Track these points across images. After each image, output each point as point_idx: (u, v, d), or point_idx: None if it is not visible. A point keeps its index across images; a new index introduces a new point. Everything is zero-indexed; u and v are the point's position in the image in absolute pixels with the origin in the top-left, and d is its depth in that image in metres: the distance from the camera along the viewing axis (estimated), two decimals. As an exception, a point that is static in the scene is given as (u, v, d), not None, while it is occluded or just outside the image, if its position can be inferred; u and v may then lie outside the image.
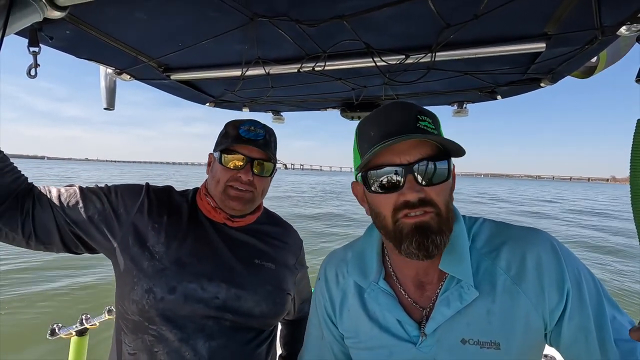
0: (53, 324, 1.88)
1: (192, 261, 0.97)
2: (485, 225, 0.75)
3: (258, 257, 1.06)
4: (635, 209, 0.52)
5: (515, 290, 0.65)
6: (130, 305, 0.93)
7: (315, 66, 1.08)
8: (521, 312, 0.64)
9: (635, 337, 0.48)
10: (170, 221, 1.02)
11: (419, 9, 0.79)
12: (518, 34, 0.93)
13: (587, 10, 0.75)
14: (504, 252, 0.68)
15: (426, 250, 0.64)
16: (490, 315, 0.65)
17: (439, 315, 0.68)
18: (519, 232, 0.71)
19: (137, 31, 0.93)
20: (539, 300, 0.64)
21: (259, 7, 0.81)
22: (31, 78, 0.86)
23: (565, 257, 0.66)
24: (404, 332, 0.72)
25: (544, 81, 1.26)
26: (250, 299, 0.98)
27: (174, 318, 0.92)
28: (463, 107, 1.64)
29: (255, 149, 1.02)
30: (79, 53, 1.03)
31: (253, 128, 1.04)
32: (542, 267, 0.65)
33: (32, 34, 0.83)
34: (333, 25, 0.86)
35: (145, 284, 0.92)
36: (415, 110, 0.67)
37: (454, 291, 0.68)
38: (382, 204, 0.68)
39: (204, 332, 0.93)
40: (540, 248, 0.66)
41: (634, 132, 0.52)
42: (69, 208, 0.96)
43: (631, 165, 0.51)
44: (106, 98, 1.29)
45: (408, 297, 0.74)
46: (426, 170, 0.64)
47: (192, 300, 0.93)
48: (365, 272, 0.79)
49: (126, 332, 0.96)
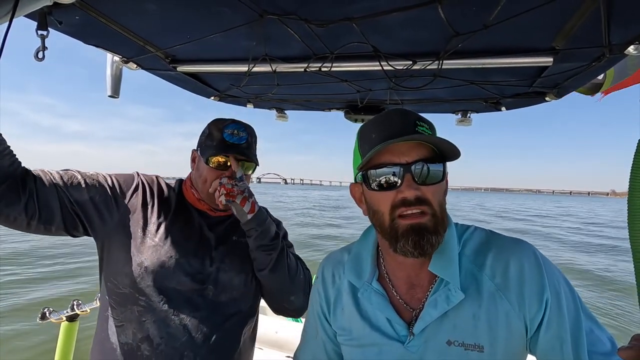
0: (44, 308, 1.88)
1: (180, 240, 1.06)
2: (476, 233, 0.78)
3: (235, 235, 1.15)
4: (632, 228, 0.52)
5: (499, 296, 0.68)
6: (123, 278, 1.01)
7: (322, 66, 1.08)
8: (503, 318, 0.68)
9: (623, 356, 0.49)
10: (160, 205, 1.11)
11: (429, 16, 0.79)
12: (526, 46, 0.93)
13: (596, 27, 0.75)
14: (489, 260, 0.72)
15: (422, 249, 0.67)
16: (475, 319, 0.69)
17: (427, 315, 0.71)
18: (504, 242, 0.75)
19: (146, 21, 0.93)
20: (520, 307, 0.67)
21: (268, 5, 0.81)
22: (39, 61, 0.86)
23: (546, 268, 0.69)
24: (393, 331, 0.75)
25: (550, 95, 1.26)
26: (230, 270, 1.09)
27: (163, 289, 1.01)
28: (467, 116, 1.64)
29: (239, 154, 1.10)
30: (86, 39, 1.03)
31: (237, 132, 1.11)
32: (524, 276, 0.68)
33: (41, 17, 0.83)
34: (342, 27, 0.86)
35: (138, 258, 1.01)
36: (414, 116, 0.72)
37: (441, 293, 0.71)
38: (381, 201, 0.71)
39: (189, 303, 1.02)
40: (523, 258, 0.70)
41: (634, 153, 0.52)
42: (72, 187, 1.00)
43: (630, 186, 0.51)
44: (111, 86, 1.29)
45: (399, 298, 0.77)
46: (422, 170, 0.68)
47: (179, 273, 1.02)
48: (360, 273, 0.82)
49: (114, 306, 1.03)
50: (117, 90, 1.31)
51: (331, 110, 1.74)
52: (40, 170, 0.99)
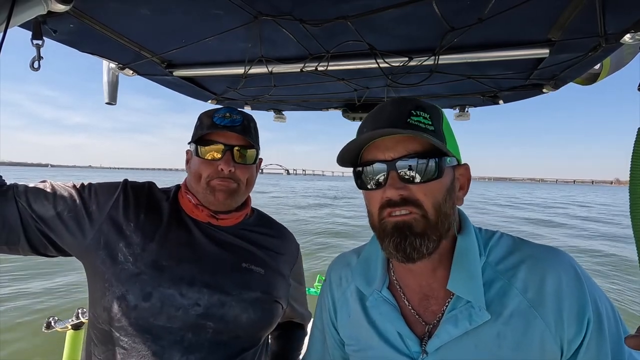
0: (49, 317, 1.88)
1: (171, 264, 0.88)
2: (503, 240, 0.70)
3: (246, 260, 0.96)
4: (634, 216, 0.52)
5: (532, 313, 0.60)
6: (101, 312, 0.84)
7: (318, 66, 1.08)
8: (536, 338, 0.59)
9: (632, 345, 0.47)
10: (148, 220, 0.93)
11: (424, 12, 0.79)
12: (522, 39, 0.93)
13: (592, 17, 0.75)
14: (522, 272, 0.63)
15: (404, 252, 0.61)
16: (500, 339, 0.60)
17: (444, 333, 0.63)
18: (539, 251, 0.65)
19: (141, 26, 0.93)
20: (557, 327, 0.59)
21: (263, 6, 0.81)
22: (34, 71, 0.85)
23: (587, 284, 0.61)
24: (404, 346, 0.68)
25: (547, 87, 1.26)
26: (237, 306, 0.89)
27: (148, 328, 0.83)
28: (465, 110, 1.64)
29: (234, 134, 0.93)
30: (82, 47, 1.03)
31: (229, 114, 0.95)
32: (563, 292, 0.60)
33: (35, 26, 0.83)
34: (337, 26, 0.86)
35: (117, 289, 0.83)
36: (412, 105, 0.64)
37: (463, 310, 0.63)
38: (370, 200, 0.66)
39: (182, 344, 0.84)
40: (561, 271, 0.61)
41: (634, 141, 0.52)
42: (35, 203, 0.86)
43: (631, 174, 0.51)
44: (108, 93, 1.29)
45: (412, 309, 0.70)
46: (413, 166, 0.61)
47: (170, 307, 0.83)
48: (368, 279, 0.75)
49: (96, 343, 0.88)
50: (114, 97, 1.31)
51: (329, 109, 1.74)
52: (8, 183, 0.89)
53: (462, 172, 0.69)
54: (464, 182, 0.70)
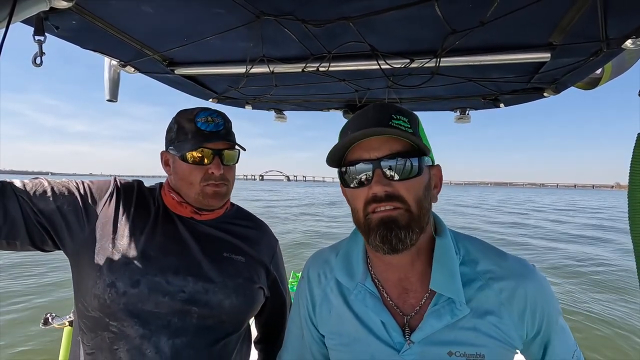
0: (47, 314, 1.88)
1: (158, 255, 0.94)
2: (475, 242, 0.78)
3: (227, 250, 1.03)
4: (633, 220, 0.52)
5: (503, 312, 0.70)
6: (92, 300, 0.88)
7: (320, 66, 1.08)
8: (504, 331, 0.69)
9: None
10: (137, 215, 0.98)
11: (426, 14, 0.79)
12: (523, 42, 0.93)
13: (593, 21, 0.75)
14: (498, 275, 0.72)
15: (390, 243, 0.65)
16: (476, 331, 0.69)
17: (428, 326, 0.69)
18: (513, 261, 0.74)
19: (143, 24, 0.93)
20: (521, 324, 0.70)
21: (265, 6, 0.81)
22: (37, 66, 0.85)
23: (550, 297, 0.73)
24: (387, 336, 0.72)
25: (548, 91, 1.26)
26: (220, 292, 0.95)
27: (136, 313, 0.88)
28: (466, 113, 1.64)
29: (221, 142, 0.97)
30: (84, 43, 1.03)
31: (211, 119, 0.98)
32: (530, 299, 0.70)
33: (37, 22, 0.83)
34: (339, 26, 0.86)
35: (107, 277, 0.88)
36: (392, 109, 0.70)
37: (445, 305, 0.70)
38: (355, 198, 0.70)
39: (168, 328, 0.89)
40: (533, 282, 0.72)
41: (634, 147, 0.52)
42: (36, 197, 0.89)
43: (630, 179, 0.51)
44: (109, 90, 1.29)
45: (391, 301, 0.75)
46: (395, 165, 0.66)
47: (157, 293, 0.89)
48: (351, 273, 0.79)
49: (85, 331, 0.92)
50: (115, 94, 1.31)
51: (330, 110, 1.74)
52: (4, 180, 0.90)
53: (435, 172, 0.75)
54: (437, 181, 0.75)
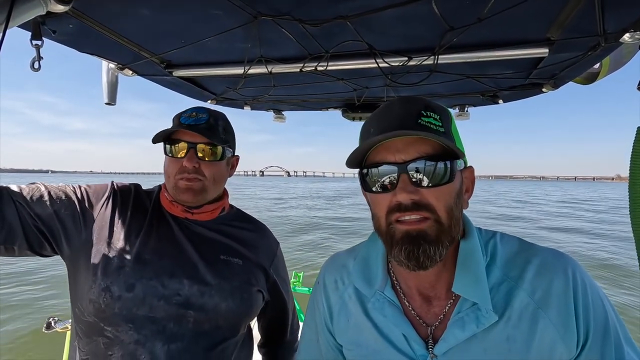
0: (49, 318, 1.88)
1: (153, 258, 0.93)
2: (505, 240, 0.69)
3: (224, 253, 1.01)
4: (633, 214, 0.52)
5: (540, 315, 0.60)
6: (87, 305, 0.88)
7: (318, 66, 1.08)
8: (545, 339, 0.59)
9: None
10: (132, 219, 0.98)
11: (423, 11, 0.79)
12: (521, 38, 0.93)
13: (591, 16, 0.75)
14: (529, 274, 0.63)
15: (416, 260, 0.59)
16: (510, 342, 0.60)
17: (451, 337, 0.62)
18: (546, 254, 0.65)
19: (140, 27, 0.93)
20: (564, 328, 0.59)
21: (262, 6, 0.81)
22: (35, 71, 0.85)
23: (592, 288, 0.62)
24: (409, 349, 0.66)
25: (546, 86, 1.26)
26: (216, 295, 0.93)
27: (131, 318, 0.87)
28: (465, 110, 1.64)
29: (197, 134, 0.96)
30: (81, 47, 1.03)
31: (195, 114, 0.99)
32: (569, 295, 0.60)
33: (35, 27, 0.83)
34: (336, 26, 0.86)
35: (102, 282, 0.87)
36: (421, 105, 0.62)
37: (469, 313, 0.62)
38: (377, 204, 0.63)
39: (164, 333, 0.88)
40: (568, 274, 0.62)
41: (634, 140, 0.52)
42: (33, 201, 0.89)
43: (630, 173, 0.51)
44: (108, 93, 1.29)
45: (413, 311, 0.68)
46: (424, 169, 0.58)
47: (152, 297, 0.88)
48: (369, 279, 0.73)
49: (81, 336, 0.91)
50: (113, 97, 1.31)
51: (328, 109, 1.74)
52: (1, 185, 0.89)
53: (467, 174, 0.67)
54: (469, 184, 0.68)
